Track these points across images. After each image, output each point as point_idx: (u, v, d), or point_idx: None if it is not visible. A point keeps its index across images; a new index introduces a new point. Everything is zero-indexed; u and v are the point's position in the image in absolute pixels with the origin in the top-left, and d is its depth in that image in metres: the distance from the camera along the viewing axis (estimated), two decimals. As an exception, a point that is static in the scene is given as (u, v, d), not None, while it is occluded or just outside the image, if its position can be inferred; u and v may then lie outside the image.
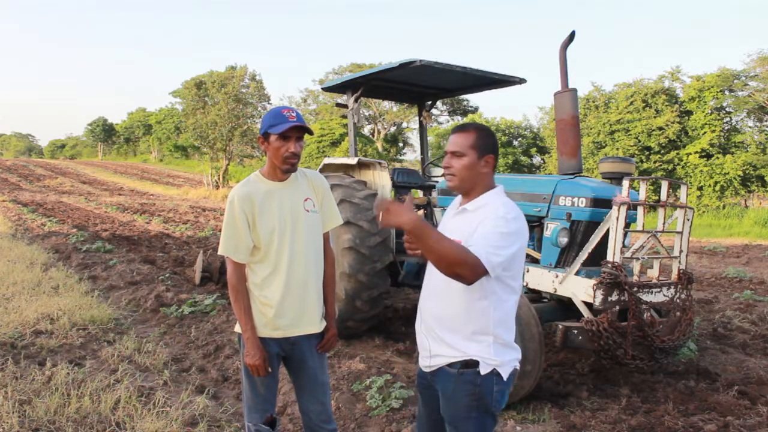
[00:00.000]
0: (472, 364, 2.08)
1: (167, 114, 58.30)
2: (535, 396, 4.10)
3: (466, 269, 1.90)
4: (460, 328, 2.10)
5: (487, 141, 2.16)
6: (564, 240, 4.27)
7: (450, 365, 2.12)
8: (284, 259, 2.47)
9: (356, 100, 5.93)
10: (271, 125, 2.42)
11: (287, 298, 2.48)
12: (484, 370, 2.08)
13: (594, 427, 3.71)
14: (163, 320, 6.22)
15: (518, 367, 2.20)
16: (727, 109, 22.53)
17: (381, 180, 5.75)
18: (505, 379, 2.12)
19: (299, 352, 2.56)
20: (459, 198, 2.28)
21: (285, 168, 2.48)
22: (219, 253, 2.52)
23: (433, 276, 2.20)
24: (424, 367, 2.25)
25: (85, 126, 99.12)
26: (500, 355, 2.10)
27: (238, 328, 2.55)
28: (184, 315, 6.31)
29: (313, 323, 2.58)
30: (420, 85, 6.14)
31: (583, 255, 4.10)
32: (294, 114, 2.42)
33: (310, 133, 2.53)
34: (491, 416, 2.14)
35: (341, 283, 5.24)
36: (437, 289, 2.17)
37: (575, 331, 3.79)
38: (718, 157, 21.30)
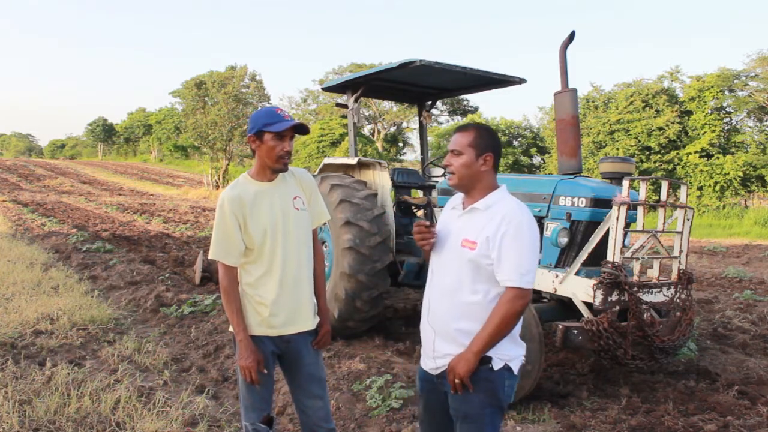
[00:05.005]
0: (486, 361, 2.11)
1: (167, 114, 58.30)
2: (535, 396, 4.10)
3: (518, 309, 2.05)
4: (475, 326, 2.11)
5: (486, 140, 2.19)
6: (564, 240, 4.27)
7: None
8: (278, 259, 2.49)
9: (356, 100, 5.93)
10: (267, 123, 2.43)
11: (282, 296, 2.50)
12: (497, 365, 2.12)
13: (594, 427, 3.71)
14: (163, 320, 6.22)
15: (524, 362, 2.25)
16: (727, 109, 22.51)
17: (381, 180, 5.74)
18: (515, 373, 2.18)
19: (294, 349, 2.57)
20: (459, 197, 2.30)
21: (278, 167, 2.49)
22: (210, 257, 2.52)
23: (442, 275, 2.22)
24: (430, 369, 2.25)
25: (85, 126, 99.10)
26: (510, 350, 2.15)
27: (232, 328, 2.56)
28: (184, 315, 6.31)
29: (307, 320, 2.60)
30: (420, 85, 6.14)
31: (583, 255, 4.10)
32: (287, 114, 2.47)
33: (307, 132, 2.56)
34: (501, 410, 2.19)
35: (341, 283, 5.23)
36: (450, 289, 2.18)
37: (575, 331, 3.79)
38: (718, 157, 21.28)
